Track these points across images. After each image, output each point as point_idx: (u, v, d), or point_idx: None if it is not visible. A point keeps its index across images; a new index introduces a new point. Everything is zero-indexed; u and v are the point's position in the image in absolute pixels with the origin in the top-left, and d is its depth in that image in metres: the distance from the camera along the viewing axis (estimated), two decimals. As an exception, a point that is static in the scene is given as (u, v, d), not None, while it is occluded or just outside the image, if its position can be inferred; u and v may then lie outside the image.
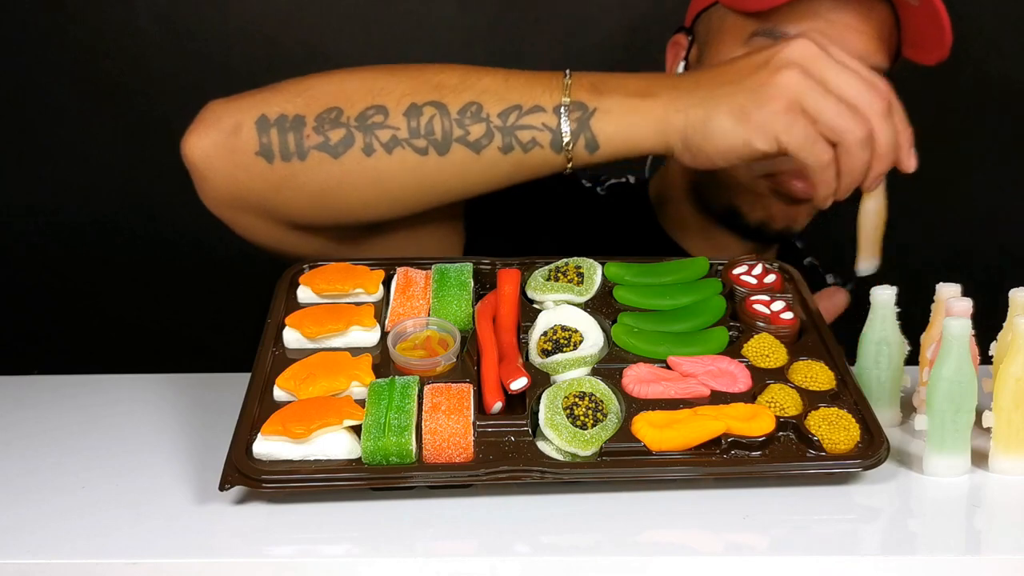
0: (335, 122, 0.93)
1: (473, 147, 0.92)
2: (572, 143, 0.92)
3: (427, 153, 0.92)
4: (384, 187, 0.93)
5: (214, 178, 0.97)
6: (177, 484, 0.77)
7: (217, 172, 0.96)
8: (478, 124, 0.92)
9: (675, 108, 0.90)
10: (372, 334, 0.85)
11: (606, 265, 0.91)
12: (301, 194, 0.95)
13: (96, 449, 0.83)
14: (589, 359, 0.82)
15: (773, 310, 0.87)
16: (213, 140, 0.95)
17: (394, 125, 0.92)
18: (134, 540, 0.70)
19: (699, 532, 0.71)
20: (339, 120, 0.93)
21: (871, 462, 0.75)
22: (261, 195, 0.96)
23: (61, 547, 0.70)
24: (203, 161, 0.96)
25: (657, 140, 0.91)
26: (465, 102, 0.92)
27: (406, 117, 0.92)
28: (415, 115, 0.92)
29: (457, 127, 0.92)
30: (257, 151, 0.94)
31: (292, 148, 0.93)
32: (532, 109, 0.92)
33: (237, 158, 0.94)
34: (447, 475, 0.73)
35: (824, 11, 1.09)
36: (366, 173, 0.93)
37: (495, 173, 0.94)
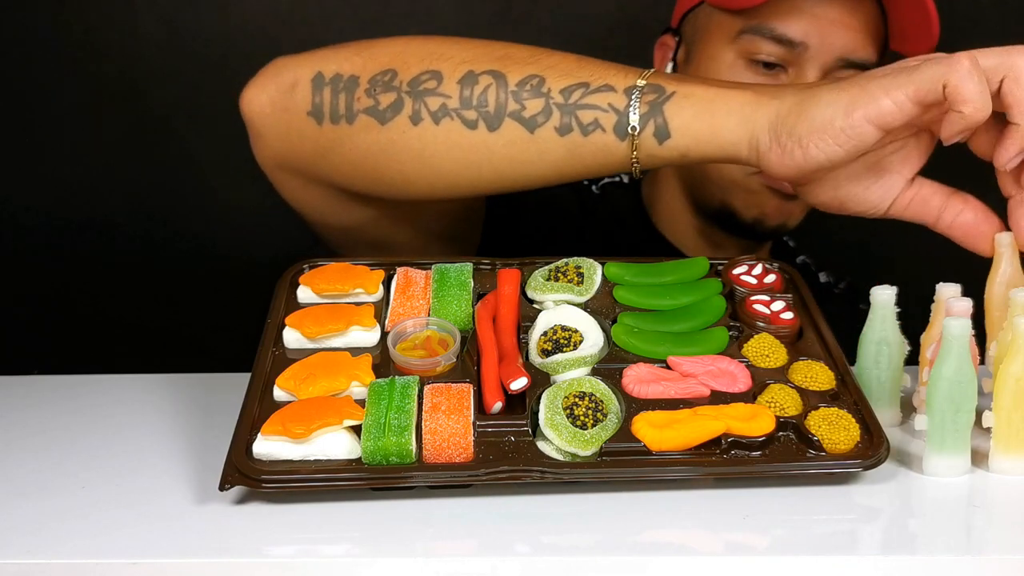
0: (388, 85, 0.88)
1: (527, 124, 0.85)
2: (640, 129, 0.83)
3: (476, 127, 0.85)
4: (427, 162, 0.88)
5: (267, 135, 0.93)
6: (177, 484, 0.77)
7: (270, 130, 0.93)
8: (537, 99, 0.85)
9: (768, 95, 0.82)
10: (372, 334, 0.85)
11: (606, 265, 0.91)
12: (345, 161, 0.91)
13: (96, 449, 0.83)
14: (589, 359, 0.82)
15: (773, 310, 0.87)
16: (270, 96, 0.92)
17: (446, 92, 0.86)
18: (134, 540, 0.70)
19: (699, 532, 0.71)
20: (392, 83, 0.87)
21: (871, 462, 0.75)
22: (308, 159, 0.92)
23: (61, 547, 0.70)
24: (258, 118, 0.93)
25: (741, 130, 0.82)
26: (527, 74, 0.85)
27: (460, 85, 0.86)
28: (470, 83, 0.86)
29: (513, 100, 0.85)
30: (309, 111, 0.90)
31: (342, 110, 0.89)
32: (600, 88, 0.84)
33: (290, 117, 0.91)
34: (447, 475, 0.73)
35: (810, 7, 1.10)
36: (410, 144, 0.87)
37: (547, 159, 0.86)
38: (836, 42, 1.09)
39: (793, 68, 1.10)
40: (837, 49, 1.09)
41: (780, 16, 1.09)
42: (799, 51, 1.09)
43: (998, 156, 0.80)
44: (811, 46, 1.09)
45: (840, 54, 1.09)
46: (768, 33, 1.09)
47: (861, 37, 1.10)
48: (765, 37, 1.09)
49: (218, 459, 0.74)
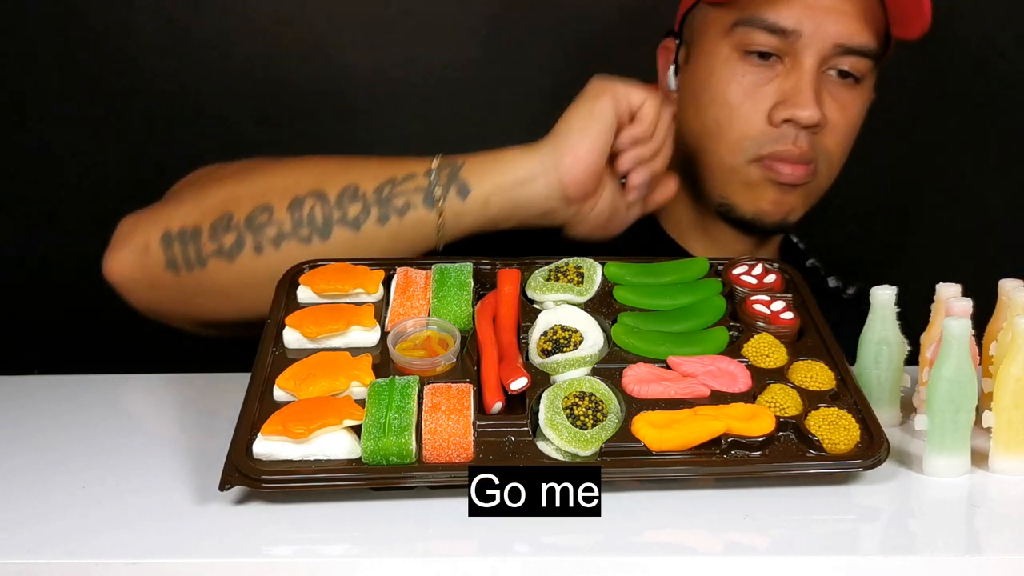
0: (227, 227, 0.99)
1: (352, 226, 0.98)
2: (444, 194, 0.98)
3: (311, 241, 0.98)
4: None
5: (136, 292, 1.04)
6: (177, 484, 0.77)
7: (137, 287, 1.03)
8: (355, 204, 0.98)
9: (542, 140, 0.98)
10: (372, 334, 0.85)
11: (606, 265, 0.91)
12: (208, 298, 1.02)
13: (96, 449, 0.83)
14: (589, 359, 0.82)
15: (773, 310, 0.87)
16: (129, 260, 1.02)
17: (279, 221, 0.98)
18: (134, 540, 0.70)
19: (699, 532, 0.71)
20: (230, 225, 0.99)
21: (871, 462, 0.74)
22: (176, 303, 1.03)
23: (61, 547, 0.70)
24: (125, 282, 1.03)
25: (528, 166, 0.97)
26: (342, 186, 0.98)
27: (289, 212, 0.98)
28: (297, 208, 0.98)
29: (336, 210, 0.98)
30: (165, 265, 1.01)
31: (193, 258, 1.00)
32: (405, 178, 0.98)
33: (150, 273, 1.01)
34: (447, 475, 0.73)
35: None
36: (259, 271, 0.98)
37: (376, 247, 0.98)
38: (830, 29, 1.09)
39: (788, 57, 1.10)
40: (832, 36, 1.09)
41: (772, 5, 1.10)
42: (792, 40, 1.09)
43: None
44: (804, 34, 1.09)
45: (836, 41, 1.09)
46: (760, 23, 1.09)
47: (857, 23, 1.10)
48: (757, 27, 1.10)
49: (218, 459, 0.74)
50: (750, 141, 1.11)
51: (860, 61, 1.11)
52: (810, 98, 1.08)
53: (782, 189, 1.12)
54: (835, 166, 1.15)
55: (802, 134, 1.10)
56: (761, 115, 1.11)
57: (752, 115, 1.11)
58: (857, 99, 1.13)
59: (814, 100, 1.08)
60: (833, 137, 1.12)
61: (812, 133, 1.10)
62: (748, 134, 1.11)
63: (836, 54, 1.10)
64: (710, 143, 1.14)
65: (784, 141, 1.10)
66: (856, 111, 1.14)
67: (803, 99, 1.08)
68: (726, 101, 1.12)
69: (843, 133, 1.13)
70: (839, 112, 1.12)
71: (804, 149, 1.10)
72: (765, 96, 1.11)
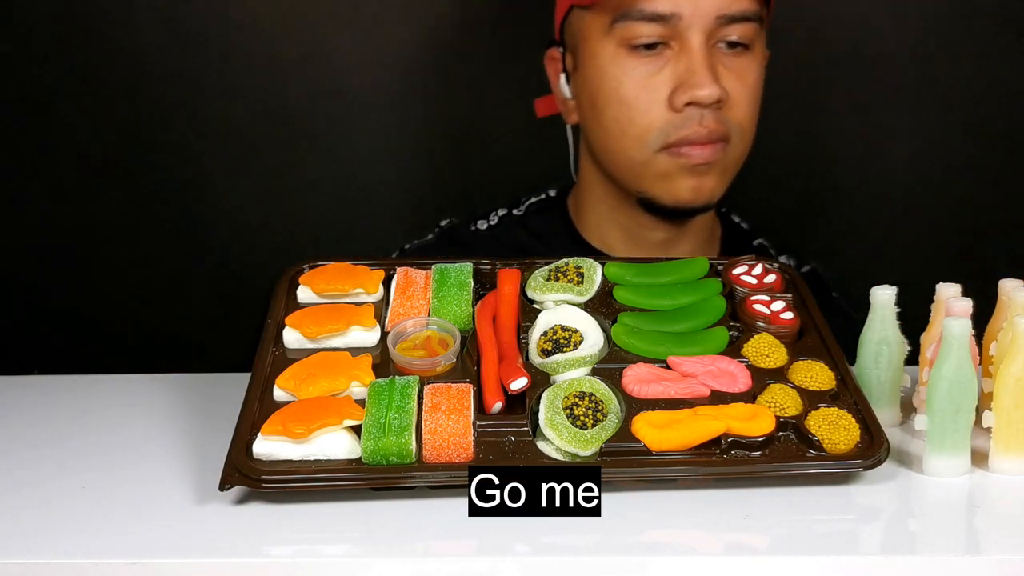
0: None
1: None
2: None
3: None
4: None
5: None
6: (177, 484, 0.77)
7: None
8: None
9: None
10: (372, 334, 0.85)
11: (606, 265, 0.91)
12: None
13: (96, 449, 0.83)
14: (589, 359, 0.82)
15: (773, 310, 0.87)
16: None
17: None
18: (134, 540, 0.70)
19: (699, 532, 0.71)
20: None
21: (871, 462, 0.74)
22: None
23: (61, 547, 0.70)
24: None
25: None
26: None
27: None
28: None
29: None
30: None
31: None
32: None
33: None
34: (447, 475, 0.73)
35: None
36: None
37: None
38: (707, 3, 1.07)
39: (674, 41, 1.09)
40: (712, 10, 1.07)
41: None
42: (674, 23, 1.07)
43: None
44: (684, 15, 1.07)
45: (716, 13, 1.08)
46: (638, 15, 1.08)
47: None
48: (636, 20, 1.08)
49: (218, 459, 0.74)
50: (656, 132, 1.10)
51: (745, 27, 1.09)
52: (707, 76, 1.07)
53: (697, 172, 1.11)
54: (748, 135, 1.14)
55: (707, 113, 1.08)
56: (661, 104, 1.09)
57: (651, 106, 1.09)
58: (752, 65, 1.12)
59: (711, 77, 1.07)
60: (739, 108, 1.11)
61: (716, 110, 1.09)
62: (652, 125, 1.10)
63: (720, 26, 1.08)
64: (614, 142, 1.13)
65: (690, 124, 1.09)
66: (754, 77, 1.12)
67: (700, 78, 1.07)
68: (622, 99, 1.10)
69: (747, 101, 1.12)
70: (738, 82, 1.11)
71: (712, 127, 1.09)
72: (661, 84, 1.09)
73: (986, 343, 0.84)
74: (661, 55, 1.09)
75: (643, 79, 1.09)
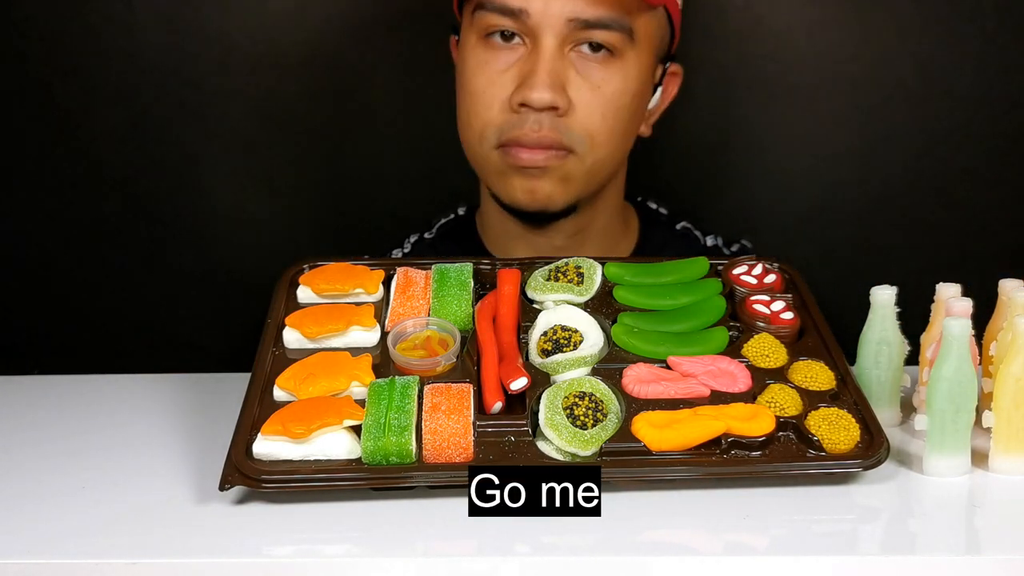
0: None
1: None
2: None
3: None
4: None
5: None
6: (177, 484, 0.77)
7: None
8: None
9: None
10: (372, 334, 0.85)
11: (606, 265, 0.91)
12: None
13: (96, 449, 0.83)
14: (589, 359, 0.82)
15: (773, 310, 0.87)
16: None
17: None
18: (134, 540, 0.70)
19: (699, 532, 0.71)
20: None
21: (871, 462, 0.75)
22: None
23: (61, 547, 0.70)
24: None
25: None
26: None
27: None
28: None
29: None
30: None
31: None
32: None
33: None
34: (447, 475, 0.73)
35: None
36: None
37: None
38: (558, 5, 1.02)
39: (528, 38, 1.05)
40: (563, 12, 1.02)
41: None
42: (524, 19, 1.03)
43: None
44: (532, 13, 1.03)
45: (568, 16, 1.03)
46: (491, 5, 1.04)
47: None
48: (489, 10, 1.05)
49: (218, 459, 0.74)
50: (493, 128, 1.06)
51: (608, 34, 1.04)
52: (543, 80, 1.02)
53: (529, 174, 1.06)
54: (599, 147, 1.07)
55: (544, 117, 1.03)
56: (503, 101, 1.05)
57: (494, 101, 1.06)
58: (616, 74, 1.05)
59: (547, 82, 1.02)
60: (587, 118, 1.05)
61: (557, 116, 1.04)
62: (491, 121, 1.06)
63: (576, 29, 1.03)
64: (463, 135, 1.10)
65: (521, 126, 1.04)
66: (615, 86, 1.05)
67: (535, 81, 1.02)
68: (473, 90, 1.07)
69: (600, 112, 1.05)
70: (591, 91, 1.05)
71: (543, 133, 1.04)
72: (508, 81, 1.05)
73: (986, 343, 0.84)
74: (515, 50, 1.06)
75: (494, 73, 1.06)
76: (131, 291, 1.47)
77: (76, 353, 1.48)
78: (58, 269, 1.46)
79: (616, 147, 1.09)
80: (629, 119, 1.09)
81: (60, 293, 1.47)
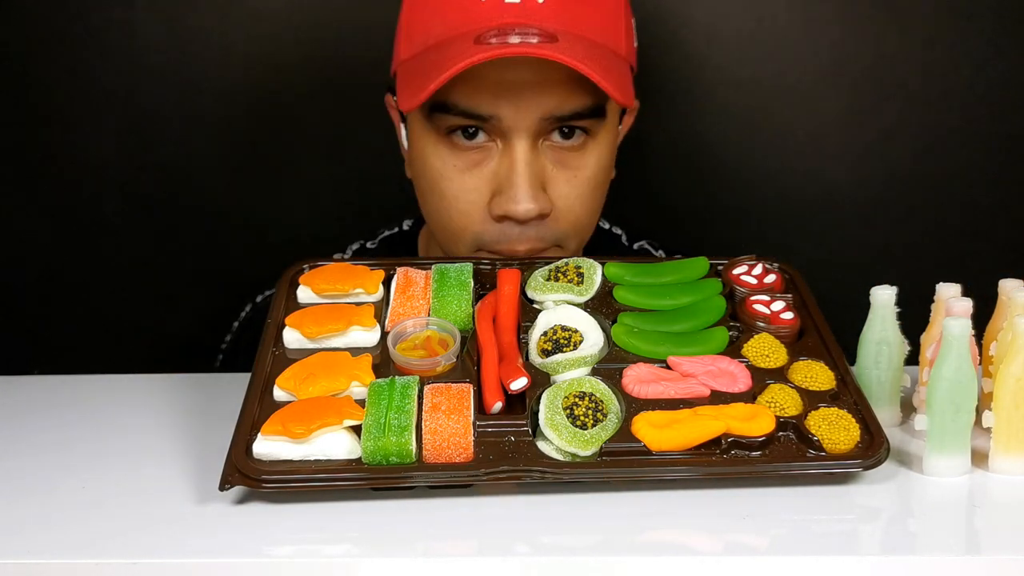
0: None
1: None
2: None
3: None
4: None
5: None
6: (177, 484, 0.77)
7: None
8: None
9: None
10: (372, 334, 0.85)
11: (606, 265, 0.91)
12: None
13: (96, 449, 0.83)
14: (589, 359, 0.82)
15: (773, 310, 0.87)
16: None
17: None
18: (134, 540, 0.70)
19: (699, 532, 0.71)
20: None
21: (871, 462, 0.75)
22: None
23: (61, 547, 0.70)
24: None
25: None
26: None
27: None
28: None
29: None
30: None
31: None
32: None
33: None
34: (447, 475, 0.73)
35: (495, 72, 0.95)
36: None
37: None
38: (532, 105, 0.95)
39: (498, 138, 0.98)
40: (537, 111, 0.95)
41: (462, 90, 0.95)
42: (493, 123, 0.96)
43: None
44: (504, 117, 0.95)
45: (541, 115, 0.96)
46: (454, 110, 0.96)
47: (562, 87, 0.95)
48: (453, 114, 0.97)
49: (218, 459, 0.74)
50: (472, 234, 1.00)
51: (582, 121, 0.98)
52: (525, 192, 0.95)
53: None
54: (584, 229, 1.03)
55: (528, 228, 0.98)
56: (480, 208, 0.99)
57: (471, 209, 0.99)
58: (591, 154, 1.00)
59: (529, 192, 0.95)
60: (570, 211, 0.99)
61: (539, 222, 0.98)
62: (469, 228, 1.00)
63: (549, 125, 0.97)
64: (438, 232, 1.04)
65: (506, 239, 0.98)
66: (591, 168, 1.00)
67: (517, 192, 0.95)
68: (443, 194, 1.00)
69: (580, 200, 1.00)
70: (568, 182, 0.99)
71: (531, 243, 0.98)
72: (481, 184, 0.98)
73: (986, 343, 0.84)
74: (483, 148, 0.98)
75: (464, 177, 0.99)
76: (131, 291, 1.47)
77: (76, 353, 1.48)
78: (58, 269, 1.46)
79: (595, 220, 1.04)
80: (604, 189, 1.04)
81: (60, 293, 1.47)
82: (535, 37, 0.94)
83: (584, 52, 0.94)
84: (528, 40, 0.93)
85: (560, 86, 0.96)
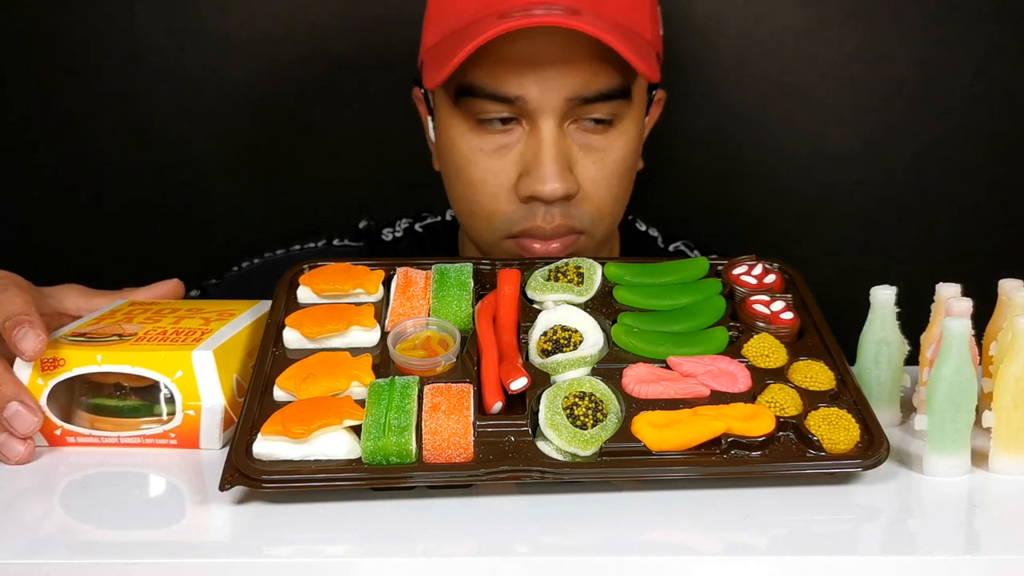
0: None
1: None
2: None
3: None
4: None
5: None
6: (177, 484, 0.77)
7: None
8: None
9: None
10: (372, 334, 0.85)
11: (606, 265, 0.91)
12: None
13: (96, 448, 0.83)
14: (589, 359, 0.82)
15: (773, 310, 0.87)
16: None
17: None
18: (134, 540, 0.70)
19: (699, 532, 0.71)
20: None
21: (871, 462, 0.75)
22: None
23: (61, 547, 0.70)
24: None
25: None
26: None
27: None
28: None
29: None
30: None
31: None
32: None
33: None
34: (447, 475, 0.73)
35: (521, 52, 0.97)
36: None
37: None
38: (557, 84, 0.97)
39: (525, 120, 0.99)
40: (562, 92, 0.97)
41: (488, 72, 0.97)
42: (520, 105, 0.98)
43: None
44: (530, 98, 0.97)
45: (568, 96, 0.98)
46: (481, 93, 0.98)
47: (589, 67, 0.97)
48: (479, 97, 0.98)
49: (218, 459, 0.74)
50: (501, 218, 1.02)
51: (609, 104, 0.99)
52: (552, 171, 0.97)
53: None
54: (608, 217, 1.04)
55: (553, 208, 0.99)
56: (507, 190, 1.01)
57: (498, 192, 1.01)
58: (617, 140, 1.01)
59: (557, 172, 0.97)
60: (595, 194, 1.01)
61: (566, 204, 1.00)
62: (498, 211, 1.02)
63: (576, 107, 0.98)
64: (465, 219, 1.06)
65: (532, 218, 1.00)
66: (617, 153, 1.02)
67: (544, 172, 0.97)
68: (470, 179, 1.02)
69: (606, 185, 1.02)
70: (595, 165, 1.01)
71: (557, 223, 1.00)
72: (509, 167, 1.00)
73: (986, 343, 0.84)
74: (511, 132, 1.00)
75: (491, 160, 1.00)
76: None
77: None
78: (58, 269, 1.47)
79: (621, 208, 1.06)
80: (631, 176, 1.06)
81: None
82: (560, 11, 0.96)
83: (608, 27, 0.96)
84: (553, 12, 0.95)
85: (586, 64, 0.97)
